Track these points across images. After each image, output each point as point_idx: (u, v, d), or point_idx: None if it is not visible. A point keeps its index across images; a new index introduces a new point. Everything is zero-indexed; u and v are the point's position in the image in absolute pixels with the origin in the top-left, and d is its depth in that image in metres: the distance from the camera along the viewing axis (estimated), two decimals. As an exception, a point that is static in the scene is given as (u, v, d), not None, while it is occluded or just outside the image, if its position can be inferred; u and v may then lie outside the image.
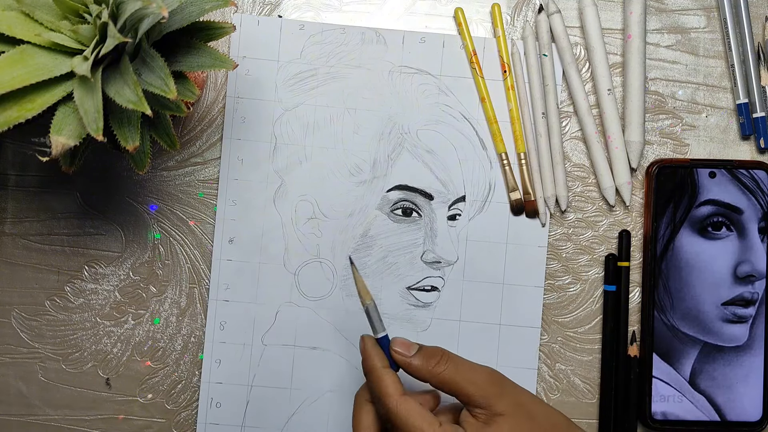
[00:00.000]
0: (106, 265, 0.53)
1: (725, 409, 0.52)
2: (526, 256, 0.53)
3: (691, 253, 0.52)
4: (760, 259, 0.52)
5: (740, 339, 0.52)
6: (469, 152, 0.53)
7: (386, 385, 0.42)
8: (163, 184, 0.53)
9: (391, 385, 0.42)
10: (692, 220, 0.52)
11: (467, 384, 0.42)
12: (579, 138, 0.54)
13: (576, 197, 0.54)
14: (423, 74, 0.54)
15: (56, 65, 0.38)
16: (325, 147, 0.53)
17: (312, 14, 0.54)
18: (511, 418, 0.41)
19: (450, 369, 0.43)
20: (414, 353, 0.44)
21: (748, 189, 0.52)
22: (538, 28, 0.53)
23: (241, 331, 0.53)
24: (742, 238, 0.52)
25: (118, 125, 0.40)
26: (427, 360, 0.43)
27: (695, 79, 0.54)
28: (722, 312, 0.52)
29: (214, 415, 0.52)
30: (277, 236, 0.53)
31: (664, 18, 0.54)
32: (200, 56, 0.41)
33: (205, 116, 0.54)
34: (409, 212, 0.53)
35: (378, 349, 0.44)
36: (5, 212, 0.53)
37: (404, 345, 0.44)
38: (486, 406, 0.41)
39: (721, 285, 0.52)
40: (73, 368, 0.53)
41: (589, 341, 0.53)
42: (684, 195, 0.52)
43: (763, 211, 0.52)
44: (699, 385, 0.52)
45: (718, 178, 0.52)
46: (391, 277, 0.53)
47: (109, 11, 0.37)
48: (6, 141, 0.53)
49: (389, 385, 0.42)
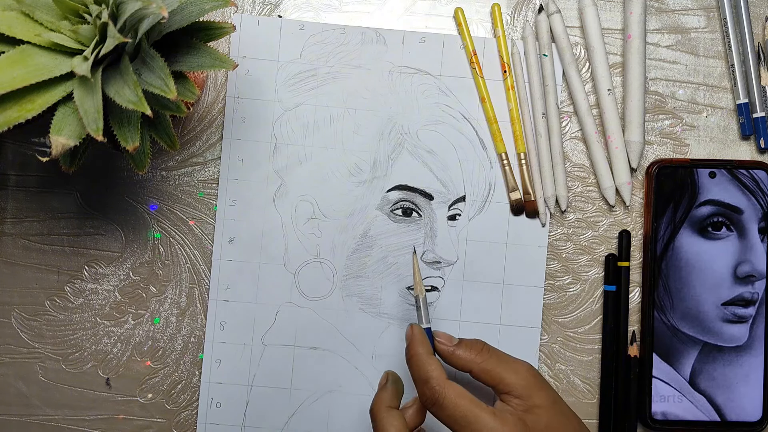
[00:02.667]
0: (106, 265, 0.53)
1: (725, 409, 0.52)
2: (526, 256, 0.53)
3: (692, 253, 0.52)
4: (760, 259, 0.52)
5: (740, 339, 0.52)
6: (469, 152, 0.53)
7: (432, 369, 0.43)
8: (163, 184, 0.53)
9: (437, 369, 0.43)
10: (692, 220, 0.52)
11: (510, 373, 0.43)
12: (579, 138, 0.54)
13: (576, 197, 0.54)
14: (423, 74, 0.54)
15: (56, 65, 0.38)
16: (325, 147, 0.53)
17: (312, 14, 0.54)
18: (548, 410, 0.42)
19: (493, 359, 0.44)
20: (457, 344, 0.45)
21: (748, 189, 0.52)
22: (538, 28, 0.53)
23: (241, 331, 0.53)
24: (742, 238, 0.52)
25: (118, 125, 0.40)
26: (470, 350, 0.45)
27: (695, 79, 0.54)
28: (722, 312, 0.52)
29: (214, 415, 0.52)
30: (277, 236, 0.53)
31: (664, 18, 0.54)
32: (200, 56, 0.41)
33: (205, 116, 0.54)
34: (409, 212, 0.53)
35: (425, 338, 0.45)
36: (5, 212, 0.53)
37: (447, 337, 0.46)
38: (526, 396, 0.42)
39: (721, 285, 0.52)
40: (73, 368, 0.53)
41: (589, 341, 0.53)
42: (684, 195, 0.52)
43: (763, 211, 0.52)
44: (699, 385, 0.52)
45: (718, 178, 0.52)
46: (391, 277, 0.53)
47: (109, 11, 0.37)
48: (6, 141, 0.53)
49: (435, 369, 0.43)
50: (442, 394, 0.42)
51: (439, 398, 0.42)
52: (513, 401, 0.43)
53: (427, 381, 0.43)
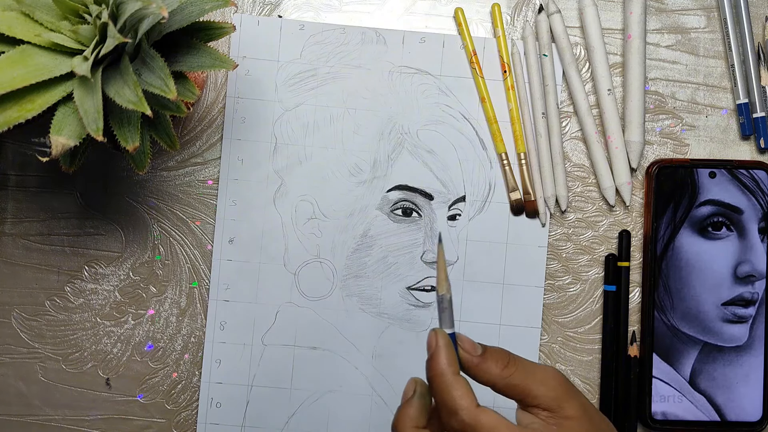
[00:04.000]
0: (106, 265, 0.53)
1: (725, 409, 0.52)
2: (526, 256, 0.53)
3: (692, 253, 0.52)
4: (760, 259, 0.52)
5: (740, 339, 0.52)
6: (469, 152, 0.53)
7: (460, 397, 0.37)
8: (163, 184, 0.53)
9: (467, 397, 0.37)
10: (692, 220, 0.52)
11: (538, 385, 0.38)
12: (579, 138, 0.54)
13: (576, 197, 0.54)
14: (423, 74, 0.54)
15: (56, 65, 0.38)
16: (325, 147, 0.53)
17: (312, 14, 0.54)
18: (579, 421, 0.38)
19: (520, 372, 0.38)
20: (480, 354, 0.39)
21: (748, 189, 0.52)
22: (538, 28, 0.53)
23: (241, 331, 0.53)
24: (742, 238, 0.52)
25: (118, 125, 0.40)
26: (495, 363, 0.39)
27: (695, 79, 0.54)
28: (722, 312, 0.52)
29: (214, 415, 0.52)
30: (277, 236, 0.53)
31: (664, 18, 0.54)
32: (200, 56, 0.41)
33: (205, 116, 0.54)
34: (409, 212, 0.53)
35: (451, 350, 0.38)
36: (5, 212, 0.53)
37: (470, 344, 0.39)
38: (556, 408, 0.38)
39: (721, 285, 0.52)
40: (73, 368, 0.53)
41: (589, 341, 0.53)
42: (684, 195, 0.52)
43: (763, 211, 0.52)
44: (699, 385, 0.52)
45: (718, 178, 0.52)
46: (391, 277, 0.53)
47: (109, 11, 0.37)
48: (6, 141, 0.53)
49: (464, 397, 0.37)
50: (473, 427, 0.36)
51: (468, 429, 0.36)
52: (542, 414, 0.38)
53: (456, 413, 0.37)
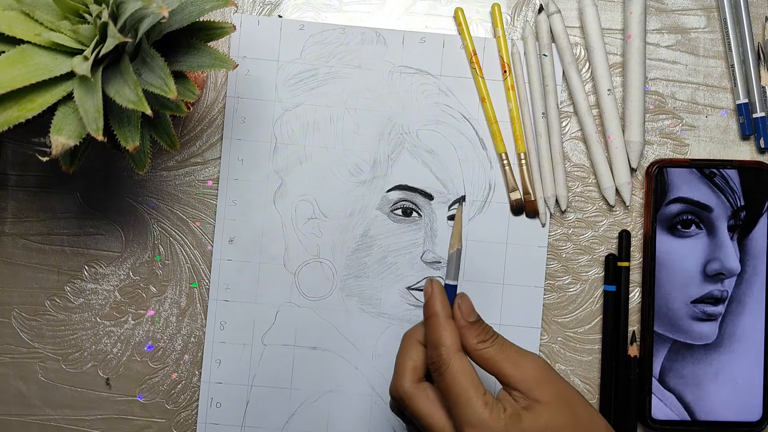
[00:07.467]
0: (106, 265, 0.53)
1: (695, 408, 0.52)
2: (526, 256, 0.53)
3: (662, 252, 0.52)
4: (729, 257, 0.52)
5: (709, 337, 0.52)
6: (469, 152, 0.53)
7: (446, 336, 0.41)
8: (163, 184, 0.53)
9: (450, 337, 0.41)
10: (662, 217, 0.52)
11: (509, 364, 0.41)
12: (579, 138, 0.54)
13: (576, 197, 0.54)
14: (423, 74, 0.54)
15: (56, 65, 0.38)
16: (325, 147, 0.53)
17: (312, 14, 0.54)
18: (550, 407, 0.40)
19: (495, 348, 0.42)
20: (471, 321, 0.43)
21: (718, 187, 0.52)
22: (538, 28, 0.53)
23: (241, 331, 0.53)
24: (711, 236, 0.52)
25: (118, 125, 0.40)
26: (477, 334, 0.42)
27: (695, 79, 0.54)
28: (691, 310, 0.52)
29: (214, 415, 0.52)
30: (277, 236, 0.53)
31: (664, 18, 0.54)
32: (200, 56, 0.41)
33: (205, 116, 0.54)
34: (409, 212, 0.53)
35: (445, 297, 0.43)
36: (5, 212, 0.53)
37: (467, 309, 0.43)
38: (525, 390, 0.40)
39: (691, 283, 0.52)
40: (73, 368, 0.53)
41: (589, 341, 0.53)
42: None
43: (733, 209, 0.52)
44: (668, 383, 0.52)
45: (687, 176, 0.52)
46: (391, 277, 0.53)
47: (109, 11, 0.37)
48: (6, 141, 0.53)
49: (448, 337, 0.41)
50: (446, 364, 0.41)
51: (441, 367, 0.41)
52: (515, 394, 0.41)
53: (437, 347, 0.41)
